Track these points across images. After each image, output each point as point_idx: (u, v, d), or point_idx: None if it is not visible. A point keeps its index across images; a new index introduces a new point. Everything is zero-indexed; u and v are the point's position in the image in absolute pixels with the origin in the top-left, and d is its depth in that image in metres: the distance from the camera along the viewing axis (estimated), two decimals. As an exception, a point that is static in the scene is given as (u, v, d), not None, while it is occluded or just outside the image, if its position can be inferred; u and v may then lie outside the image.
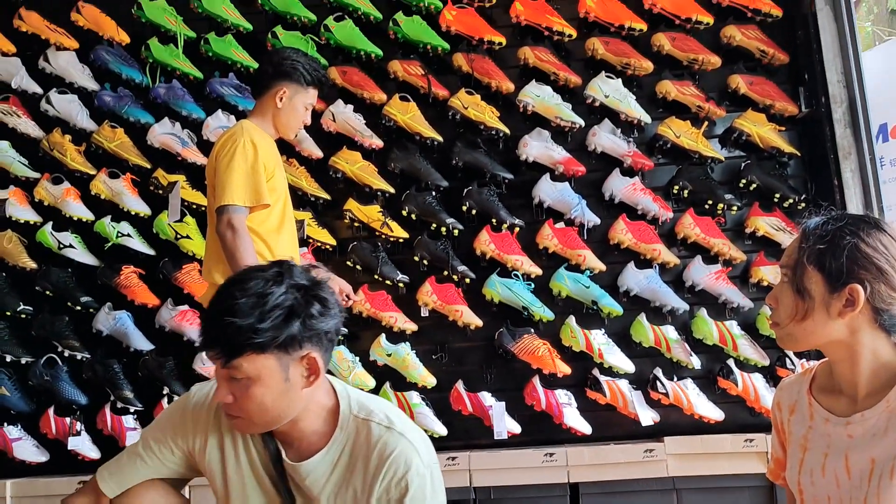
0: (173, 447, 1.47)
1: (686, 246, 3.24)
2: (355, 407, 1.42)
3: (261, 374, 1.27)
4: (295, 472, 1.40)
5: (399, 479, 1.35)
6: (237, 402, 1.29)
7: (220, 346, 1.25)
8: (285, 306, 1.27)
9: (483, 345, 3.27)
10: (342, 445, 1.39)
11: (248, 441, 1.44)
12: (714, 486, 2.99)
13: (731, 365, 3.07)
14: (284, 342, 1.27)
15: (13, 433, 3.26)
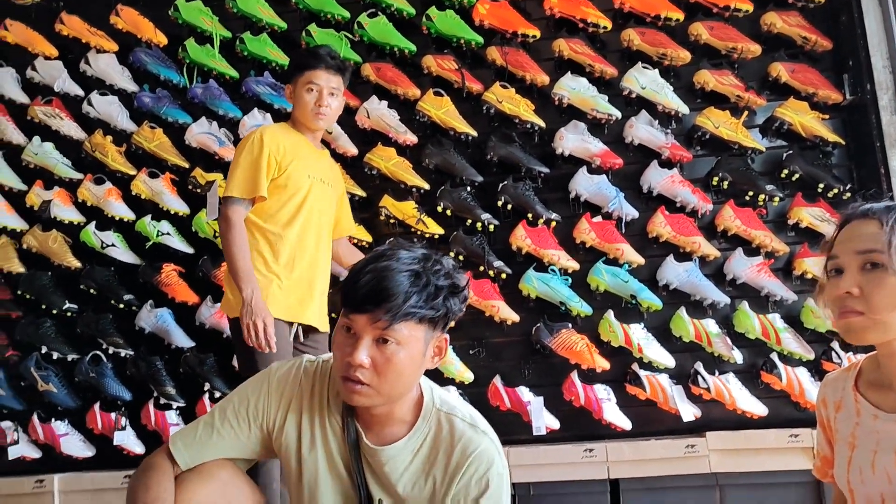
0: (251, 422, 1.46)
1: (726, 238, 3.18)
2: (438, 401, 1.45)
3: (410, 341, 1.32)
4: (374, 457, 1.41)
5: (480, 477, 1.38)
6: (374, 367, 1.31)
7: (387, 308, 1.28)
8: (446, 286, 1.35)
9: (520, 340, 3.25)
10: (424, 436, 1.42)
11: (326, 423, 1.45)
12: (758, 483, 2.94)
13: (775, 359, 3.00)
14: (436, 319, 1.35)
15: (61, 429, 3.34)
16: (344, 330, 1.35)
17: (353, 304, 1.32)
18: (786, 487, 2.92)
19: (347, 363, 1.32)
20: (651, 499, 2.97)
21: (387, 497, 1.41)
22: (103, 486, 3.21)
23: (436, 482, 1.39)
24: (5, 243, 3.50)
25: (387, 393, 1.34)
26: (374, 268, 1.32)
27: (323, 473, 1.44)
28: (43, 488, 3.22)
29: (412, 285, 1.31)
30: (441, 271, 1.36)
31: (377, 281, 1.30)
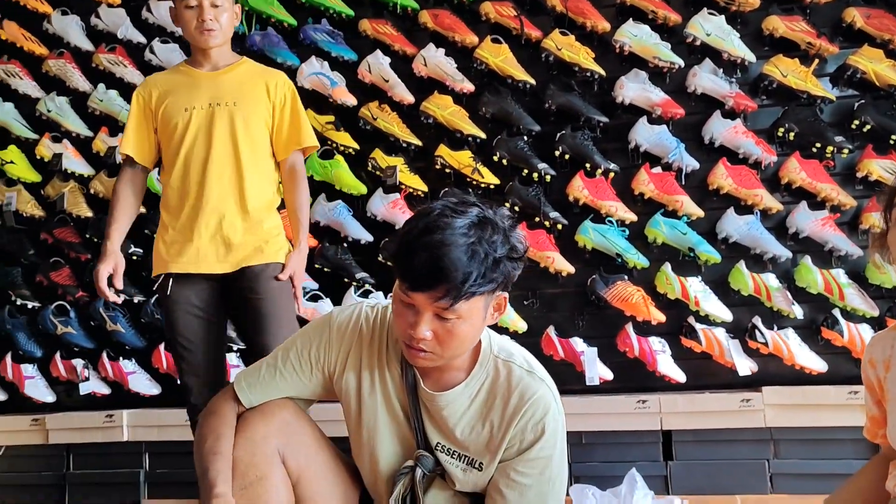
0: (313, 365, 1.50)
1: (790, 191, 3.10)
2: (496, 348, 1.46)
3: (472, 313, 1.31)
4: (432, 402, 1.43)
5: (537, 422, 1.40)
6: (436, 338, 1.31)
7: (446, 288, 1.26)
8: (504, 255, 1.31)
9: (575, 291, 3.25)
10: (481, 382, 1.43)
11: (385, 370, 1.47)
12: (814, 439, 2.91)
13: (837, 315, 2.95)
14: (495, 287, 1.32)
15: (128, 367, 3.48)
16: (401, 301, 1.33)
17: (409, 283, 1.29)
18: (841, 444, 2.88)
19: (409, 335, 1.32)
20: (703, 451, 2.97)
21: (445, 441, 1.44)
22: (169, 422, 3.34)
23: (493, 427, 1.41)
24: (74, 188, 3.61)
25: (449, 356, 1.36)
26: (429, 243, 1.27)
27: (382, 416, 1.47)
28: (112, 423, 3.38)
29: (470, 262, 1.26)
30: (498, 239, 1.30)
31: (434, 261, 1.26)
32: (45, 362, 3.60)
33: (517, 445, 1.40)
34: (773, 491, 2.90)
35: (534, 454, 1.39)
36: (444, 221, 1.28)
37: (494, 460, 1.41)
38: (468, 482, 1.44)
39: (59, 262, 3.61)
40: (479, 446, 1.42)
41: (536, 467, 1.39)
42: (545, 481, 1.40)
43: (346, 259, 3.31)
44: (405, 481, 1.43)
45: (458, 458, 1.44)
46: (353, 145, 3.38)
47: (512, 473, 1.39)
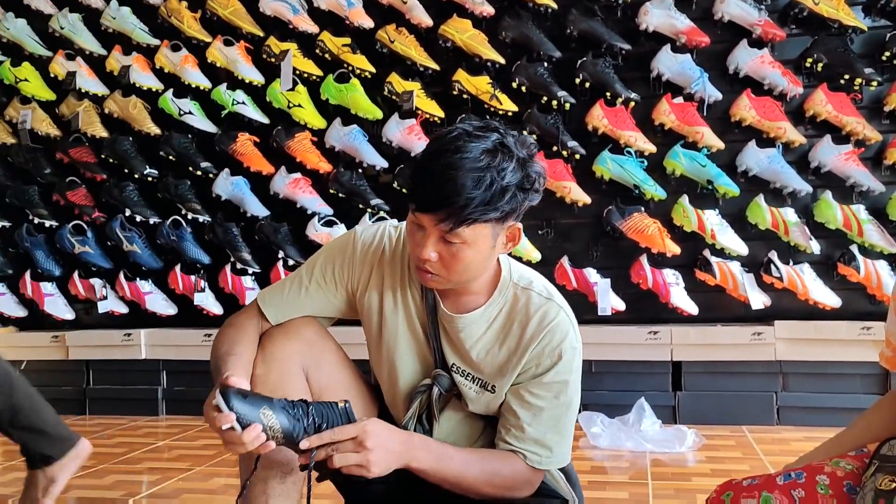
0: (337, 282, 1.50)
1: (814, 124, 3.04)
2: (515, 275, 1.45)
3: (476, 240, 1.29)
4: (451, 324, 1.44)
5: (554, 348, 1.39)
6: (442, 261, 1.32)
7: (449, 212, 1.25)
8: (514, 184, 1.27)
9: (590, 222, 3.23)
10: (500, 307, 1.43)
11: (407, 290, 1.48)
12: (823, 372, 2.94)
13: (854, 251, 2.92)
14: (504, 216, 1.29)
15: (145, 287, 3.52)
16: (412, 222, 1.33)
17: (418, 203, 1.29)
18: (850, 378, 2.91)
19: (417, 255, 1.33)
20: (712, 382, 3.01)
21: (460, 362, 1.45)
22: (186, 342, 3.41)
23: (509, 351, 1.42)
24: (88, 107, 3.59)
25: (456, 281, 1.36)
26: (438, 166, 1.25)
27: (402, 334, 1.49)
28: (131, 341, 3.45)
29: (475, 187, 1.23)
30: (509, 167, 1.27)
31: (439, 184, 1.24)
32: (63, 281, 3.66)
33: (533, 369, 1.41)
34: (779, 423, 2.95)
35: (549, 378, 1.40)
36: (458, 145, 1.26)
37: (508, 383, 1.43)
38: (481, 404, 1.46)
39: (75, 181, 3.62)
40: (494, 369, 1.43)
41: (552, 391, 1.40)
42: (559, 405, 1.41)
43: (360, 185, 3.30)
44: (422, 399, 1.45)
45: (472, 381, 1.45)
46: (370, 69, 3.32)
47: (527, 395, 1.41)
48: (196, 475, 2.42)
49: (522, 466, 1.41)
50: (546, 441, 1.41)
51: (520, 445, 1.41)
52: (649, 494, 2.09)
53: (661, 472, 2.33)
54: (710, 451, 2.59)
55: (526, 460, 1.41)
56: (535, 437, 1.40)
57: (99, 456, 2.71)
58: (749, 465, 2.38)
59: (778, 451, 2.54)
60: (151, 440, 2.96)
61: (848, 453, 1.46)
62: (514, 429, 1.41)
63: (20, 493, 2.24)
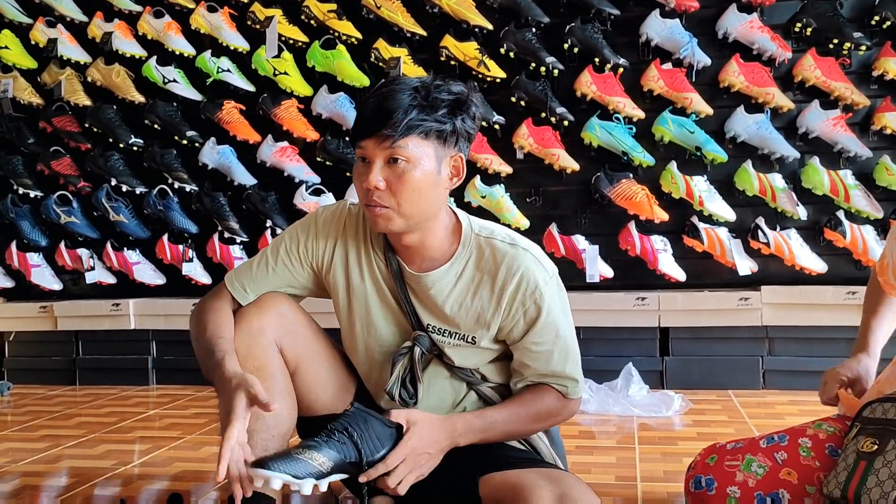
0: (303, 260, 1.52)
1: (803, 90, 3.03)
2: (476, 227, 1.48)
3: (421, 158, 1.34)
4: (419, 284, 1.45)
5: (532, 292, 1.41)
6: (389, 188, 1.34)
7: (390, 125, 1.31)
8: (450, 100, 1.35)
9: (579, 189, 3.23)
10: (465, 260, 1.45)
11: (372, 258, 1.50)
12: (809, 337, 2.97)
13: (841, 216, 2.94)
14: (445, 134, 1.35)
15: (133, 257, 3.51)
16: (360, 161, 1.38)
17: (361, 130, 1.35)
18: (836, 342, 2.94)
19: (365, 189, 1.35)
20: (699, 347, 3.05)
21: (435, 321, 1.47)
22: (174, 311, 3.41)
23: (483, 302, 1.44)
24: (70, 76, 3.54)
25: (408, 212, 1.36)
26: (378, 92, 1.35)
27: (374, 304, 1.50)
28: (119, 311, 3.45)
29: (412, 100, 1.32)
30: (445, 87, 1.36)
31: (379, 102, 1.32)
32: (50, 251, 3.64)
33: (522, 321, 1.43)
34: (765, 387, 2.99)
35: (542, 323, 1.42)
36: (397, 78, 1.38)
37: (488, 333, 1.45)
38: (464, 358, 1.48)
39: (59, 151, 3.58)
40: (470, 322, 1.45)
41: (549, 333, 1.43)
42: (561, 340, 1.44)
43: (347, 153, 3.28)
44: (404, 362, 1.46)
45: (451, 336, 1.47)
46: (356, 35, 3.28)
47: (531, 346, 1.44)
48: (187, 444, 2.43)
49: (555, 397, 1.46)
50: (567, 373, 1.46)
51: (550, 382, 1.46)
52: (636, 458, 2.12)
53: (649, 437, 2.36)
54: (696, 415, 2.62)
55: (558, 390, 1.46)
56: (555, 373, 1.45)
57: (90, 426, 2.72)
58: (735, 429, 2.41)
59: (763, 414, 2.58)
60: (142, 409, 2.98)
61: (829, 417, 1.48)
62: (535, 377, 1.46)
63: (11, 462, 2.25)
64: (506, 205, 3.18)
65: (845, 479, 1.25)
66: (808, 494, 1.35)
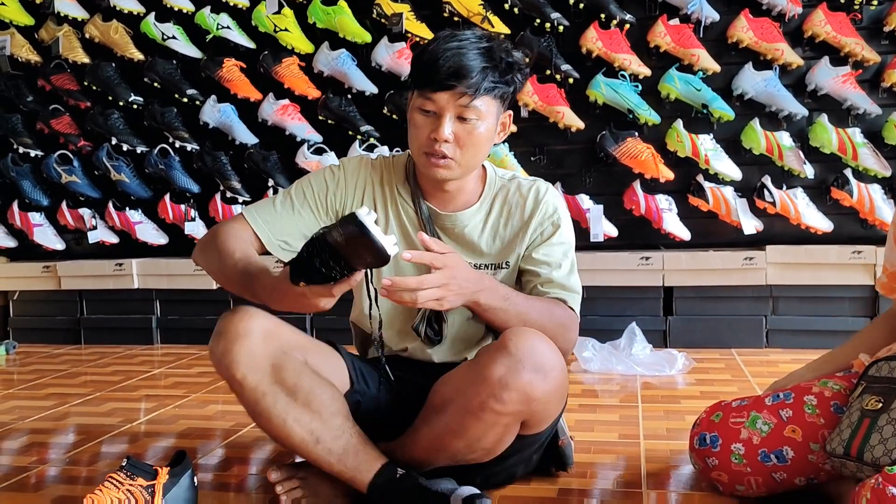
0: (329, 207, 1.55)
1: (813, 46, 2.98)
2: (500, 172, 1.61)
3: (488, 116, 1.43)
4: (454, 223, 1.55)
5: (551, 215, 1.55)
6: (457, 141, 1.42)
7: (469, 84, 1.37)
8: (515, 62, 1.44)
9: (583, 147, 3.20)
10: (492, 199, 1.57)
11: (399, 206, 1.56)
12: (813, 296, 2.97)
13: (848, 175, 2.91)
14: (507, 95, 1.46)
15: (135, 217, 3.50)
16: (421, 111, 1.43)
17: (434, 84, 1.39)
18: (840, 302, 2.95)
19: (432, 139, 1.41)
20: (703, 307, 3.04)
21: (471, 257, 1.53)
22: (178, 271, 3.41)
23: (514, 229, 1.55)
24: (68, 32, 3.49)
25: (466, 164, 1.46)
26: (448, 48, 1.38)
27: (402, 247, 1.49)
28: (122, 271, 3.45)
29: (488, 61, 1.39)
30: (508, 48, 1.44)
31: (455, 59, 1.37)
32: (52, 211, 3.62)
33: (539, 238, 1.54)
34: (768, 346, 2.99)
35: (555, 240, 1.54)
36: (458, 34, 1.42)
37: (518, 255, 1.55)
38: None
39: (58, 109, 3.54)
40: (503, 248, 1.56)
41: (560, 251, 1.54)
42: (567, 260, 1.55)
43: (349, 111, 3.24)
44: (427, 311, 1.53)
45: (487, 268, 1.55)
46: (358, -10, 3.23)
47: (541, 256, 1.53)
48: (192, 402, 2.45)
49: (565, 307, 1.52)
50: (570, 285, 1.54)
51: (555, 291, 1.52)
52: (639, 416, 2.13)
53: (651, 395, 2.37)
54: (699, 373, 2.63)
55: (566, 303, 1.52)
56: (561, 283, 1.53)
57: (96, 384, 2.74)
58: (737, 387, 2.42)
59: (766, 373, 2.58)
60: (147, 368, 2.99)
61: (836, 373, 1.48)
62: (542, 283, 1.53)
63: (19, 419, 2.27)
64: (510, 163, 3.15)
65: (849, 437, 1.26)
66: (812, 452, 1.35)
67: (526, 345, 1.33)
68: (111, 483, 1.38)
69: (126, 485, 1.38)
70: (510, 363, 1.31)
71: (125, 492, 1.37)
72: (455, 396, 1.39)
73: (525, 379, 1.31)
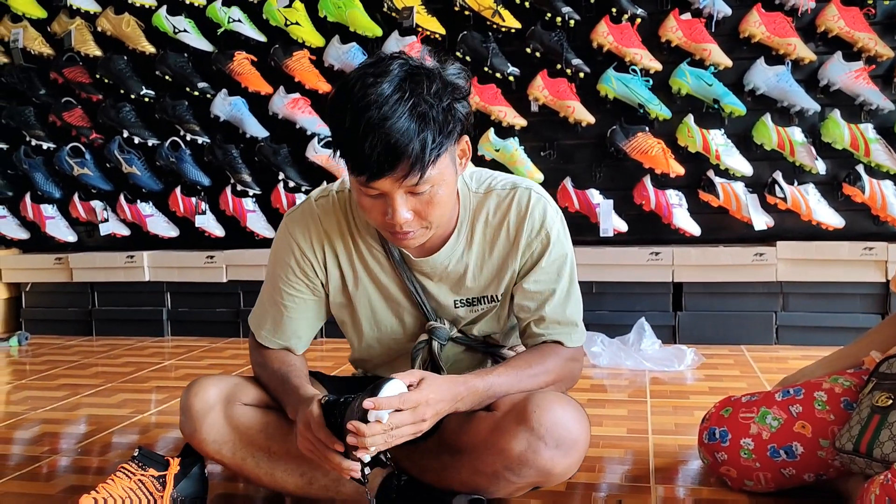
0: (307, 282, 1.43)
1: (826, 41, 2.96)
2: (473, 185, 1.40)
3: (443, 175, 1.21)
4: (432, 267, 1.39)
5: (539, 229, 1.37)
6: (418, 215, 1.22)
7: (409, 165, 1.14)
8: (449, 101, 1.18)
9: (593, 142, 3.19)
10: (471, 225, 1.39)
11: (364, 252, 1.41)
12: (824, 293, 2.95)
13: (860, 171, 2.89)
14: (455, 136, 1.21)
15: (146, 210, 3.51)
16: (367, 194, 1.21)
17: (367, 173, 1.15)
18: (851, 298, 2.93)
19: (390, 224, 1.22)
20: (713, 303, 3.03)
21: (460, 295, 1.42)
22: (188, 264, 3.43)
23: (502, 252, 1.39)
24: (80, 25, 3.50)
25: (437, 225, 1.28)
26: (369, 125, 1.12)
27: (377, 299, 1.43)
28: (134, 263, 3.47)
29: (421, 125, 1.13)
30: (437, 87, 1.16)
31: (383, 140, 1.11)
32: (64, 203, 3.65)
33: (529, 261, 1.39)
34: (777, 342, 2.98)
35: (546, 262, 1.38)
36: (372, 92, 1.13)
37: (507, 283, 1.41)
38: (487, 324, 1.46)
39: (70, 102, 3.56)
40: (493, 281, 1.41)
41: (552, 271, 1.39)
42: (563, 279, 1.40)
43: (361, 105, 3.24)
44: (423, 355, 1.42)
45: (481, 302, 1.43)
46: (369, -16, 3.23)
47: (531, 286, 1.39)
48: (203, 393, 2.46)
49: (561, 350, 1.41)
50: (566, 317, 1.41)
51: (548, 332, 1.40)
52: (647, 412, 2.13)
53: (660, 390, 2.37)
54: (708, 369, 2.62)
55: (563, 344, 1.41)
56: (555, 319, 1.40)
57: (107, 375, 2.76)
58: (746, 384, 2.41)
59: (776, 369, 2.57)
60: (158, 360, 3.01)
61: (846, 370, 1.47)
62: (536, 323, 1.41)
63: (31, 409, 2.29)
64: (520, 158, 3.15)
65: (858, 433, 1.25)
66: (822, 448, 1.35)
67: (549, 418, 1.23)
68: (123, 473, 1.39)
69: (137, 475, 1.39)
70: (531, 439, 1.23)
71: (136, 482, 1.38)
72: (469, 452, 1.33)
73: (546, 456, 1.24)
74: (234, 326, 3.44)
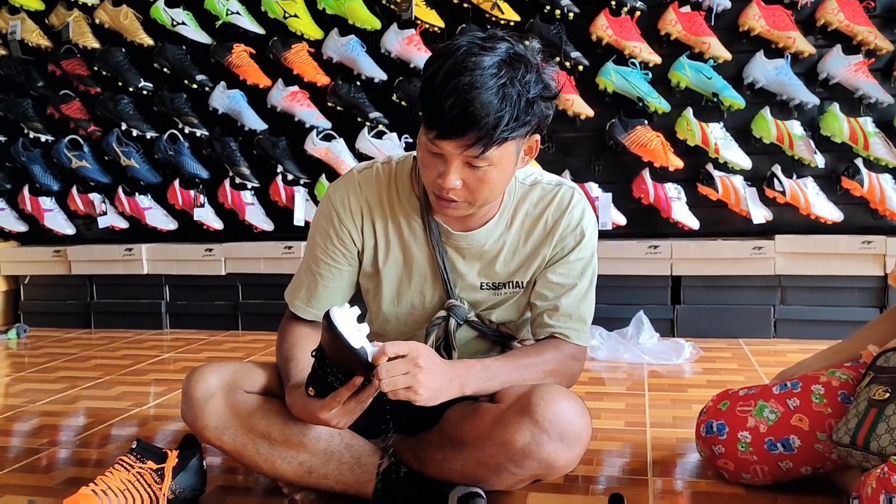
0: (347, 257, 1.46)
1: (825, 34, 2.96)
2: (520, 176, 1.44)
3: (503, 159, 1.24)
4: (469, 243, 1.42)
5: (575, 227, 1.41)
6: (466, 187, 1.26)
7: (477, 135, 1.18)
8: (538, 94, 1.22)
9: (592, 136, 3.19)
10: (513, 211, 1.43)
11: (402, 224, 1.44)
12: (822, 286, 2.96)
13: (859, 164, 2.89)
14: (528, 131, 1.25)
15: (144, 202, 3.51)
16: (429, 151, 1.25)
17: (437, 130, 1.20)
18: (849, 292, 2.93)
19: (438, 185, 1.26)
20: (711, 296, 3.04)
21: (482, 275, 1.45)
22: (187, 257, 3.43)
23: (535, 243, 1.43)
24: (78, 17, 3.49)
25: (481, 203, 1.31)
26: (456, 87, 1.16)
27: (403, 277, 1.46)
28: (132, 256, 3.46)
29: (502, 105, 1.17)
30: (531, 78, 1.20)
31: (463, 106, 1.16)
32: (62, 196, 3.64)
33: (559, 254, 1.43)
34: (776, 336, 2.99)
35: (574, 256, 1.42)
36: (472, 61, 1.17)
37: (533, 271, 1.44)
38: (506, 312, 1.47)
39: (68, 94, 3.55)
40: (521, 269, 1.45)
41: (577, 268, 1.43)
42: (585, 279, 1.44)
43: (358, 98, 3.24)
44: (438, 332, 1.45)
45: (506, 287, 1.46)
46: (367, -24, 3.22)
47: (554, 277, 1.42)
48: (201, 386, 2.46)
49: (566, 346, 1.44)
50: (579, 313, 1.44)
51: (557, 324, 1.43)
52: (646, 405, 2.13)
53: (658, 384, 2.37)
54: (706, 362, 2.63)
55: (568, 339, 1.44)
56: (568, 312, 1.43)
57: (106, 368, 2.76)
58: (744, 377, 2.42)
59: (774, 362, 2.58)
60: (156, 353, 3.01)
61: (844, 363, 1.48)
62: (548, 312, 1.43)
63: (30, 402, 2.29)
64: (518, 151, 3.14)
65: (855, 426, 1.26)
66: (819, 441, 1.36)
67: (553, 411, 1.24)
68: (121, 465, 1.39)
69: (136, 467, 1.39)
70: (535, 432, 1.24)
71: (135, 474, 1.38)
72: (472, 443, 1.34)
73: (549, 449, 1.25)
74: (232, 319, 3.44)
